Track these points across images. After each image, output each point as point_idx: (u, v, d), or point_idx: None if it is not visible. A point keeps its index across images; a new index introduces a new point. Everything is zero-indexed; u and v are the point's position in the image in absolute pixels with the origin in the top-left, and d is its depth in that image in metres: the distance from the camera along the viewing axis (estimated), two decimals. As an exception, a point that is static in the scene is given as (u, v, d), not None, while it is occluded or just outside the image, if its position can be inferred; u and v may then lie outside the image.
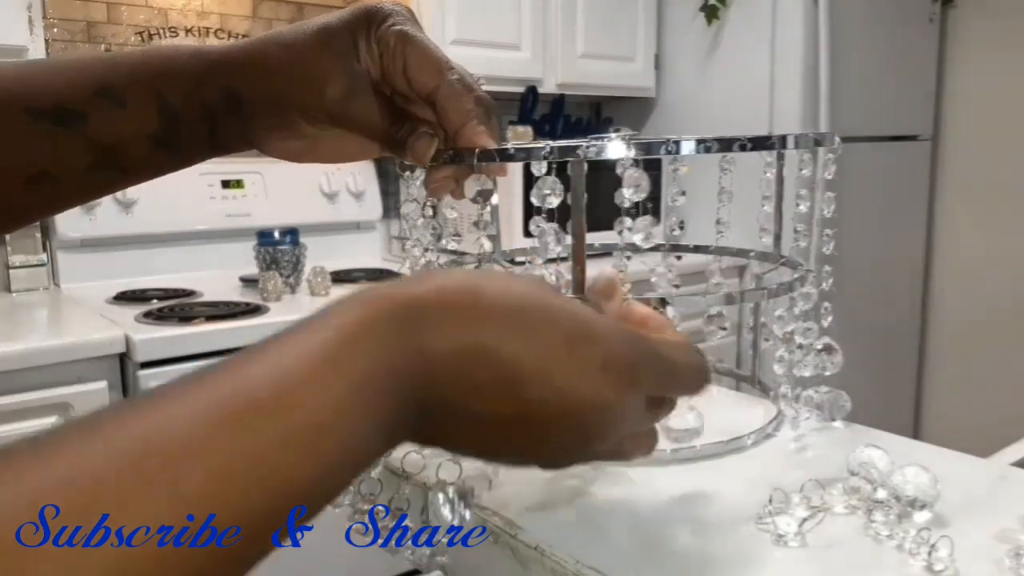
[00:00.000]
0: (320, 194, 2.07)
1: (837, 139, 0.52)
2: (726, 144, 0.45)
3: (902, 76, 2.40)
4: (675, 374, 0.34)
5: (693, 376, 0.36)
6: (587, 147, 0.44)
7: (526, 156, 0.45)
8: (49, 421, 1.25)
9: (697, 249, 0.64)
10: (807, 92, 2.12)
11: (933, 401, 2.70)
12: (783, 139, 0.47)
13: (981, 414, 2.51)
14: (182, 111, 0.44)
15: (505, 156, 0.45)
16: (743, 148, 0.46)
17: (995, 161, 2.49)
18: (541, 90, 2.23)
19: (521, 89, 2.21)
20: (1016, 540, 0.40)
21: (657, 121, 2.49)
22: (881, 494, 0.43)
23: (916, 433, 2.69)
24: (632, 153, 0.44)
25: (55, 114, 0.42)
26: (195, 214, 1.90)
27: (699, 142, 0.44)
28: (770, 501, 0.43)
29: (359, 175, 2.13)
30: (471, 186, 0.47)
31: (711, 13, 2.26)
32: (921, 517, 0.43)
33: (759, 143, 0.46)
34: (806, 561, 0.40)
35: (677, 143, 0.44)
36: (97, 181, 0.45)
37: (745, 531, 0.42)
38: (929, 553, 0.38)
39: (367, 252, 2.19)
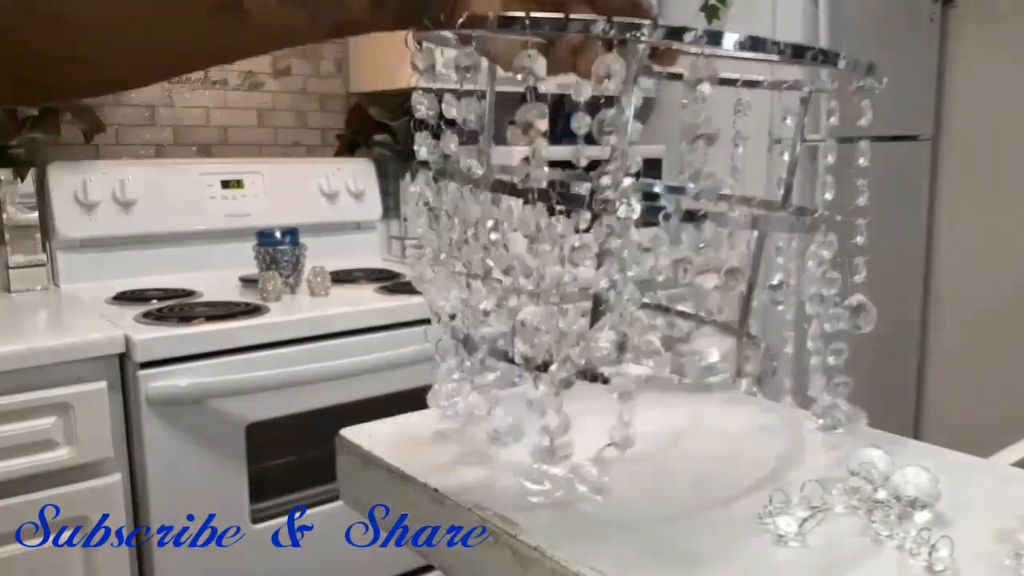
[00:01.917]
0: (320, 194, 2.07)
1: (884, 80, 0.49)
2: (799, 52, 0.41)
3: (902, 76, 2.40)
4: None
5: None
6: (650, 27, 0.39)
7: (582, 28, 0.40)
8: (49, 421, 1.25)
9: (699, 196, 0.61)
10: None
11: (933, 401, 2.70)
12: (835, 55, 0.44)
13: (981, 414, 2.51)
14: None
15: (559, 26, 0.41)
16: (815, 59, 0.41)
17: (995, 161, 2.49)
18: (541, 90, 2.23)
19: (521, 89, 2.20)
20: (1016, 540, 0.40)
21: (658, 120, 2.49)
22: (881, 494, 0.43)
23: (916, 433, 2.69)
24: (704, 43, 0.40)
25: None
26: (195, 214, 1.90)
27: (756, 39, 0.41)
28: (770, 501, 0.43)
29: (359, 175, 2.13)
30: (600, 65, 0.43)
31: (711, 13, 2.26)
32: (921, 517, 0.43)
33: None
34: (806, 561, 0.40)
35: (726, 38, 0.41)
36: (281, 21, 0.41)
37: (745, 531, 0.42)
38: (929, 553, 0.38)
39: (367, 252, 2.19)
